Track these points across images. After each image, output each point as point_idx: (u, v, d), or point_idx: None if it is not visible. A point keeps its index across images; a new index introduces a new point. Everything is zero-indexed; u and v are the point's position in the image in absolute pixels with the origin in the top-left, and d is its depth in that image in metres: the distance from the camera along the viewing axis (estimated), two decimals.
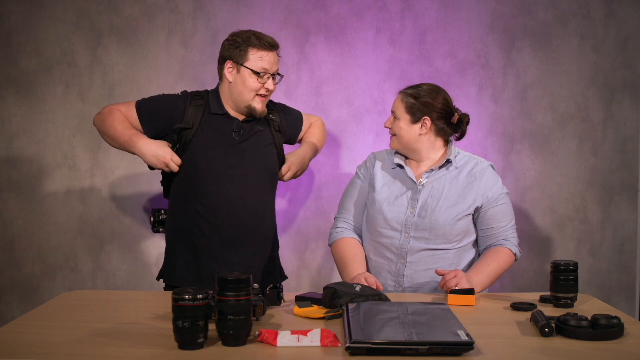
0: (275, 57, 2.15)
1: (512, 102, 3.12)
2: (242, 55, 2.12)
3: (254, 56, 2.12)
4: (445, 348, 1.30)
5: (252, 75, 2.12)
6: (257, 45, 2.12)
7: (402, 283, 2.05)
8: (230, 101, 2.19)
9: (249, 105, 2.15)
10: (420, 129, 2.08)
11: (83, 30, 3.07)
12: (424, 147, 2.11)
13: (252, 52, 2.12)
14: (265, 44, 2.12)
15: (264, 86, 2.13)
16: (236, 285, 1.36)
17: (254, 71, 2.11)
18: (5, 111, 3.09)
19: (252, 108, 2.15)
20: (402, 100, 2.11)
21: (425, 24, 3.10)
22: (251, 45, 2.12)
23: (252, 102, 2.14)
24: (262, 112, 2.18)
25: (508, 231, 2.07)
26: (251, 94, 2.13)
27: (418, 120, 2.08)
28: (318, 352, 1.33)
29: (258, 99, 2.14)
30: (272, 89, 2.16)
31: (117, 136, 2.15)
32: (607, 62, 3.13)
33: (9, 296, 3.12)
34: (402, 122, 2.10)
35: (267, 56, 2.13)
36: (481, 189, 2.06)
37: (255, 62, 2.11)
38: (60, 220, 3.11)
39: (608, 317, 1.45)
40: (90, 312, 1.67)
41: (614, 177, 3.15)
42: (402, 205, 2.07)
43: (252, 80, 2.12)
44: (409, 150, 2.13)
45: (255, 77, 2.12)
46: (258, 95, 2.14)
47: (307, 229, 3.11)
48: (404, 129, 2.09)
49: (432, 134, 2.10)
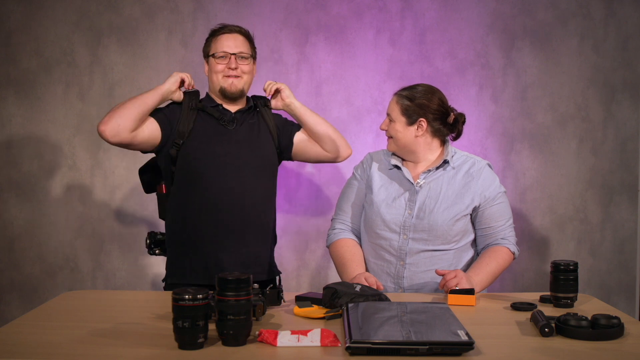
0: (236, 39, 2.22)
1: (512, 102, 3.12)
2: (209, 47, 2.25)
3: (215, 44, 2.23)
4: (445, 348, 1.30)
5: (215, 60, 2.21)
6: (216, 33, 2.24)
7: (402, 285, 2.05)
8: (213, 93, 2.27)
9: (220, 88, 2.22)
10: (417, 131, 2.08)
11: (83, 30, 3.07)
12: (420, 148, 2.10)
13: (214, 41, 2.23)
14: (223, 29, 2.24)
15: (227, 66, 2.20)
16: (236, 286, 1.36)
17: (214, 55, 2.21)
18: (5, 111, 3.09)
19: (222, 88, 2.21)
20: (397, 103, 2.10)
21: (425, 24, 3.10)
22: (213, 36, 2.25)
23: (221, 83, 2.21)
24: (233, 91, 2.22)
25: (506, 230, 2.07)
26: (218, 76, 2.21)
27: (414, 122, 2.07)
28: (318, 352, 1.33)
29: (226, 79, 2.21)
30: (234, 66, 2.21)
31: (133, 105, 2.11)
32: (607, 62, 3.13)
33: (9, 296, 3.12)
34: (397, 124, 2.09)
35: (225, 39, 2.22)
36: (479, 188, 2.06)
37: (215, 48, 2.22)
38: (60, 220, 3.11)
39: (608, 317, 1.45)
40: (90, 312, 1.67)
41: (614, 177, 3.15)
42: (400, 206, 2.07)
43: (215, 63, 2.21)
44: (406, 152, 2.12)
45: (217, 60, 2.21)
46: (225, 76, 2.22)
47: (307, 229, 3.11)
48: (400, 131, 2.09)
49: (429, 135, 2.10)
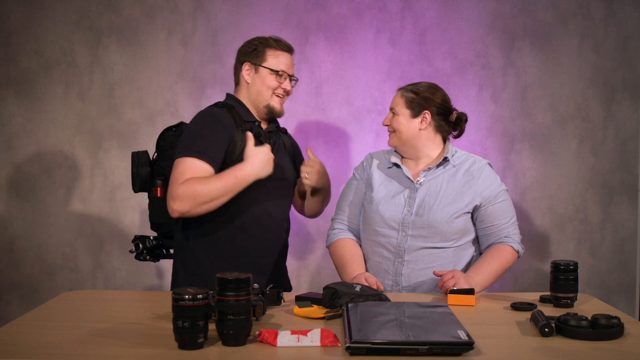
0: (291, 60, 2.16)
1: (512, 102, 3.12)
2: (260, 55, 2.12)
3: (271, 56, 2.12)
4: (445, 348, 1.30)
5: (270, 73, 2.11)
6: (274, 46, 2.13)
7: (400, 282, 2.05)
8: (251, 105, 2.15)
9: (267, 105, 2.12)
10: (421, 124, 2.09)
11: (83, 30, 3.07)
12: (423, 143, 2.11)
13: (270, 53, 2.12)
14: (282, 45, 2.14)
15: (281, 86, 2.13)
16: (236, 286, 1.36)
17: (272, 70, 2.11)
18: (5, 111, 3.09)
19: (271, 107, 2.13)
20: (402, 96, 2.12)
21: (425, 24, 3.10)
22: (269, 47, 2.12)
23: (270, 101, 2.12)
24: (281, 112, 2.16)
25: (509, 228, 2.07)
26: (269, 92, 2.11)
27: (418, 115, 2.09)
28: (318, 352, 1.33)
29: (276, 98, 2.13)
30: (289, 89, 2.15)
31: (221, 196, 1.92)
32: (607, 62, 3.13)
33: (9, 296, 3.12)
34: (401, 117, 2.10)
35: (284, 57, 2.13)
36: (479, 187, 2.06)
37: (273, 62, 2.11)
38: (60, 220, 3.11)
39: (608, 317, 1.45)
40: (90, 312, 1.67)
41: (614, 177, 3.15)
42: (399, 203, 2.07)
43: (271, 78, 2.11)
44: (408, 146, 2.13)
45: (273, 75, 2.11)
46: (275, 95, 2.13)
47: (307, 229, 3.11)
48: (403, 123, 2.10)
49: (432, 130, 2.11)
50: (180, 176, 1.91)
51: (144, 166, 2.15)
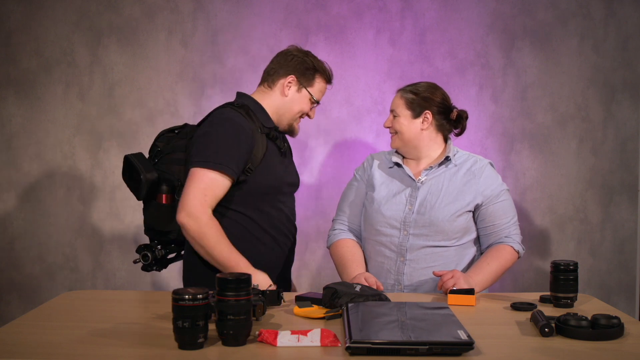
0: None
1: (512, 102, 3.12)
2: (310, 79, 2.10)
3: (319, 85, 2.12)
4: (445, 348, 1.30)
5: (310, 101, 2.12)
6: (324, 77, 2.13)
7: (402, 281, 2.05)
8: (274, 114, 2.11)
9: (291, 125, 2.14)
10: (422, 124, 2.10)
11: (83, 30, 3.07)
12: (424, 143, 2.12)
13: (319, 81, 2.12)
14: (330, 79, 2.16)
15: (309, 112, 2.15)
16: (236, 285, 1.36)
17: (314, 99, 2.12)
18: (5, 111, 3.09)
19: (294, 128, 2.15)
20: (402, 97, 2.12)
21: (425, 24, 3.10)
22: (320, 73, 2.12)
23: (294, 123, 2.14)
24: (298, 133, 2.20)
25: (510, 228, 2.07)
26: (298, 114, 2.13)
27: (419, 115, 2.09)
28: (318, 352, 1.33)
29: (298, 119, 2.16)
30: (312, 117, 2.20)
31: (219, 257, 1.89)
32: (607, 62, 3.13)
33: (9, 296, 3.12)
34: (402, 118, 2.11)
35: (326, 88, 2.17)
36: (480, 186, 2.06)
37: (318, 91, 2.13)
38: (60, 220, 3.11)
39: (608, 317, 1.45)
40: (90, 312, 1.67)
41: (614, 177, 3.15)
42: (400, 202, 2.07)
43: (308, 104, 2.12)
44: (410, 147, 2.13)
45: (311, 102, 2.13)
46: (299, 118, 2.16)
47: (307, 229, 3.11)
48: (405, 124, 2.10)
49: (433, 130, 2.11)
50: (201, 193, 1.86)
51: (151, 172, 2.01)
